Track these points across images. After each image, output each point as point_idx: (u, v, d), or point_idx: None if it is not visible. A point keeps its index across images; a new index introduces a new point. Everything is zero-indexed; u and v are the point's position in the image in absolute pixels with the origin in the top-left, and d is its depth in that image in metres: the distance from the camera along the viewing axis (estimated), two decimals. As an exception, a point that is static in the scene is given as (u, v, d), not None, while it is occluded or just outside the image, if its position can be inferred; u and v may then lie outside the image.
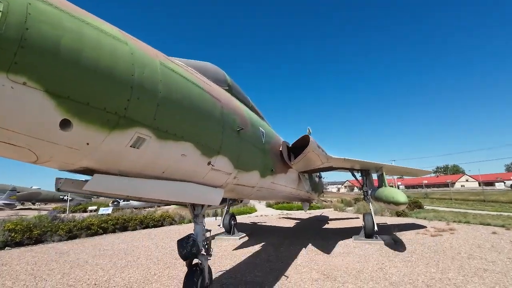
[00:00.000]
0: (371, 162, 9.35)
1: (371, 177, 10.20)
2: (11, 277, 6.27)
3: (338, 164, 8.96)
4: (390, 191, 7.88)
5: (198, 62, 4.12)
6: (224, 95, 3.96)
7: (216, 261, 7.27)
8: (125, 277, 5.99)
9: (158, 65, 2.50)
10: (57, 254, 8.83)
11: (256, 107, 6.17)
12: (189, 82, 2.98)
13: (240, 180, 4.50)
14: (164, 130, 2.52)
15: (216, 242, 10.00)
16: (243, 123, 4.31)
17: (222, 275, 5.96)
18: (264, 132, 5.48)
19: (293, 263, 6.75)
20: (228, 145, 3.72)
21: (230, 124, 3.78)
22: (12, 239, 10.96)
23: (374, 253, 7.59)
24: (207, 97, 3.28)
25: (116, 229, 14.74)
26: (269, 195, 6.86)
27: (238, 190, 4.84)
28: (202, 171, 3.36)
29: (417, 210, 20.33)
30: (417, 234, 10.37)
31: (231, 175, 4.07)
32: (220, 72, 4.50)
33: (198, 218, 4.09)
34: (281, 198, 9.13)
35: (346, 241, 9.35)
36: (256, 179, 5.10)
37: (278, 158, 6.38)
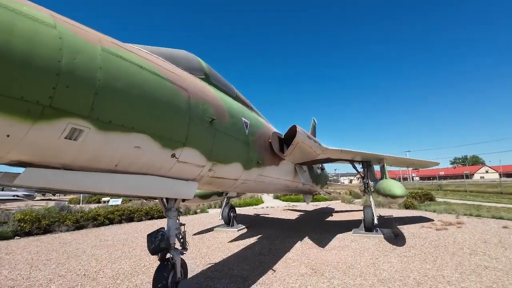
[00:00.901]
0: (371, 154, 8.97)
1: (372, 169, 9.82)
2: (10, 266, 6.50)
3: (336, 155, 8.65)
4: (388, 183, 7.53)
5: (168, 49, 3.94)
6: (194, 84, 3.77)
7: (209, 253, 7.26)
8: (115, 268, 6.06)
9: (99, 50, 2.34)
10: (60, 244, 9.10)
11: (242, 96, 5.96)
12: (144, 69, 2.82)
13: (218, 173, 4.36)
14: (107, 121, 2.38)
15: (214, 234, 10.03)
16: (218, 113, 4.13)
17: (210, 268, 5.93)
18: (248, 123, 5.28)
19: (284, 257, 6.63)
20: (197, 137, 3.57)
21: (199, 115, 3.61)
22: (22, 229, 11.42)
23: (371, 247, 7.34)
24: (168, 86, 3.11)
25: (122, 220, 15.12)
26: (259, 188, 6.70)
27: (218, 183, 4.70)
28: (166, 164, 3.23)
29: (428, 202, 19.69)
30: (422, 228, 9.97)
31: (205, 168, 3.93)
32: (194, 60, 4.31)
33: (171, 212, 3.99)
34: (276, 190, 8.95)
35: (345, 234, 9.12)
36: (238, 171, 4.94)
37: (267, 149, 6.18)
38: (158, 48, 3.75)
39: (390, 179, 8.36)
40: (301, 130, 6.27)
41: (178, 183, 3.59)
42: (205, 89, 4.04)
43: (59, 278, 5.54)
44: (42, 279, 5.47)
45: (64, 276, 5.63)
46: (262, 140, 5.93)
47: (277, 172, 6.99)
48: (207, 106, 3.84)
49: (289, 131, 6.64)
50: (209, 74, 4.57)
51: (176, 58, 3.88)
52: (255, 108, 6.87)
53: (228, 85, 5.28)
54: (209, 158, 3.91)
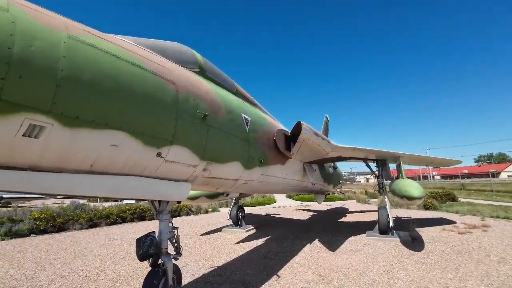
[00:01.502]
0: (386, 151, 8.40)
1: (387, 168, 9.23)
2: (18, 264, 6.57)
3: (348, 153, 8.16)
4: (404, 183, 6.97)
5: (159, 41, 3.70)
6: (185, 77, 3.50)
7: (214, 255, 7.03)
8: (117, 270, 5.96)
9: (64, 38, 2.10)
10: (70, 243, 9.20)
11: (244, 92, 5.65)
12: (122, 60, 2.57)
13: (214, 173, 4.08)
14: (73, 116, 2.14)
15: (221, 235, 9.82)
16: (213, 109, 3.85)
17: (211, 272, 5.68)
18: (249, 120, 4.96)
19: (291, 261, 6.27)
20: (187, 134, 3.30)
21: (189, 110, 3.33)
22: (37, 227, 11.73)
23: (385, 252, 6.83)
24: (151, 78, 2.85)
25: (134, 219, 15.27)
26: (264, 188, 6.38)
27: (216, 184, 4.43)
28: (151, 164, 2.98)
29: (450, 203, 18.58)
30: (442, 231, 9.27)
31: (198, 168, 3.66)
32: (188, 53, 4.05)
33: (163, 215, 3.75)
34: (284, 190, 8.57)
35: (358, 237, 8.62)
36: (238, 171, 4.64)
37: (271, 148, 5.85)
38: (147, 39, 3.52)
39: (407, 178, 7.77)
40: (307, 127, 5.88)
41: (167, 184, 3.34)
42: (198, 83, 3.76)
43: (61, 279, 5.49)
44: (44, 280, 5.43)
45: (66, 277, 5.57)
46: (265, 138, 5.60)
47: (283, 171, 6.63)
48: (199, 101, 3.57)
49: (295, 128, 6.27)
50: (205, 68, 4.30)
51: (167, 51, 3.63)
52: (260, 105, 6.55)
53: (227, 80, 4.99)
54: (203, 157, 3.64)
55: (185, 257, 6.81)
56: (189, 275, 5.53)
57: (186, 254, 7.11)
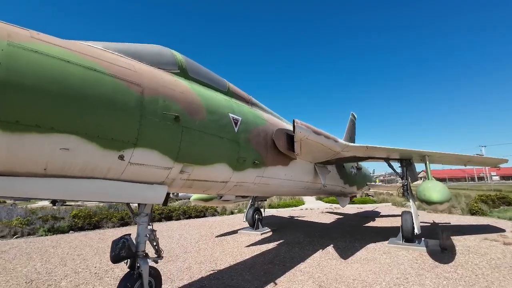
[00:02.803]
0: (410, 150, 7.53)
1: (413, 168, 8.28)
2: (46, 259, 7.24)
3: (362, 153, 7.50)
4: (425, 186, 6.14)
5: (132, 45, 3.74)
6: (155, 79, 3.47)
7: (220, 258, 6.97)
8: (124, 268, 6.17)
9: (3, 46, 2.18)
10: (98, 240, 9.91)
11: (239, 91, 5.52)
12: (73, 64, 2.60)
13: (196, 175, 4.00)
14: (12, 121, 2.20)
15: (236, 237, 9.75)
16: (190, 109, 3.77)
17: (210, 275, 5.61)
18: (239, 119, 4.79)
19: (295, 268, 5.93)
20: (155, 136, 3.26)
21: (157, 112, 3.29)
22: (75, 224, 12.91)
23: (405, 262, 6.09)
24: (109, 81, 2.86)
25: (162, 218, 16.01)
26: (264, 190, 6.11)
27: (200, 186, 4.33)
28: (114, 167, 2.98)
29: (505, 207, 16.18)
30: (484, 241, 8.04)
31: (173, 170, 3.61)
32: (166, 55, 4.03)
33: (140, 218, 3.77)
34: (292, 193, 8.10)
35: (379, 244, 7.87)
36: (225, 173, 4.50)
37: (269, 148, 5.60)
38: (119, 43, 3.57)
39: (433, 180, 6.86)
40: (302, 125, 5.51)
41: (138, 187, 3.33)
42: (173, 84, 3.71)
43: (74, 275, 5.88)
44: (59, 275, 5.87)
45: (78, 273, 5.96)
46: (261, 138, 5.38)
47: (287, 173, 6.32)
48: (171, 102, 3.51)
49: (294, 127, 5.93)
50: (187, 69, 4.25)
51: (140, 53, 3.65)
52: (261, 104, 6.34)
53: (216, 80, 4.90)
54: (177, 159, 3.57)
55: (191, 259, 6.87)
56: (187, 277, 5.53)
57: (193, 256, 7.17)
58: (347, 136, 14.88)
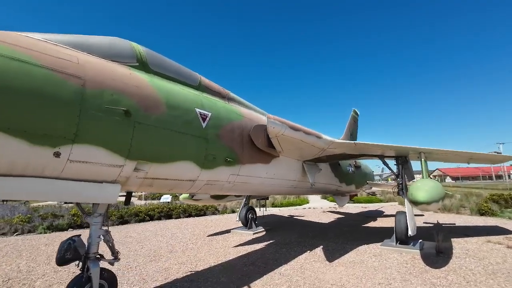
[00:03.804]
0: (404, 147, 7.08)
1: (409, 166, 7.82)
2: (34, 257, 7.27)
3: (351, 150, 7.12)
4: (415, 185, 5.71)
5: (83, 36, 3.56)
6: (103, 72, 3.28)
7: (203, 258, 6.80)
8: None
9: None
10: (91, 238, 9.90)
11: (214, 85, 5.29)
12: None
13: (154, 173, 3.81)
14: None
15: (227, 237, 9.57)
16: (144, 104, 3.58)
17: (186, 277, 5.45)
18: (209, 115, 4.57)
19: (275, 270, 5.68)
20: (98, 132, 3.08)
21: (102, 106, 3.10)
22: (75, 222, 13.07)
23: (393, 266, 5.72)
24: (41, 73, 2.69)
25: (162, 217, 16.02)
26: (242, 189, 5.85)
27: (163, 185, 4.15)
28: (51, 164, 2.82)
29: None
30: (486, 243, 7.51)
31: (126, 168, 3.43)
32: (123, 47, 3.85)
33: (92, 218, 3.62)
34: (275, 191, 7.73)
35: (371, 246, 7.49)
36: (191, 171, 4.30)
37: (246, 145, 5.36)
38: (66, 35, 3.39)
39: (426, 179, 6.42)
40: (275, 121, 5.24)
41: (83, 186, 3.17)
42: (125, 77, 3.52)
43: (52, 274, 5.86)
44: (38, 274, 5.86)
45: (57, 272, 5.93)
46: (236, 135, 5.14)
47: (268, 171, 6.06)
48: (120, 96, 3.32)
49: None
50: (148, 62, 4.06)
51: (91, 46, 3.48)
52: (240, 99, 6.09)
53: (184, 74, 4.69)
54: (128, 156, 3.39)
55: (174, 259, 6.73)
56: (162, 278, 5.39)
57: (177, 256, 7.03)
58: (347, 133, 14.38)
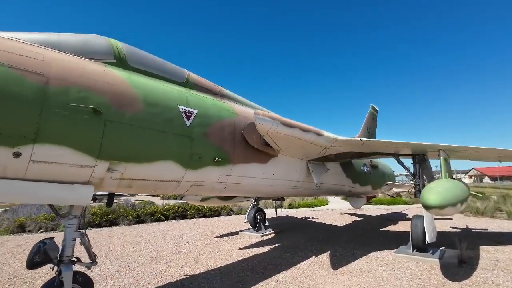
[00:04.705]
0: (420, 144, 6.35)
1: (427, 165, 7.04)
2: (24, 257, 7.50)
3: (358, 148, 6.54)
4: (428, 186, 5.03)
5: (55, 34, 3.48)
6: (69, 68, 3.17)
7: (203, 261, 6.61)
8: (104, 269, 6.12)
9: None
10: (103, 238, 10.17)
11: (203, 81, 5.08)
12: None
13: (132, 174, 3.67)
14: None
15: (233, 239, 9.33)
16: (118, 102, 3.44)
17: (180, 280, 5.29)
18: (194, 112, 4.36)
19: (272, 277, 5.32)
20: (63, 131, 2.97)
21: (67, 104, 2.98)
22: (93, 221, 13.59)
23: (405, 277, 5.11)
24: None
25: (177, 217, 16.21)
26: (236, 190, 5.54)
27: (143, 186, 3.99)
28: (11, 165, 2.74)
29: None
30: (522, 253, 6.55)
31: (98, 168, 3.30)
32: (97, 43, 3.74)
33: (67, 220, 3.53)
34: (276, 193, 7.31)
35: (385, 253, 6.85)
36: (175, 172, 4.11)
37: (239, 144, 5.09)
38: (35, 33, 3.32)
39: (445, 179, 5.69)
40: (264, 117, 4.89)
41: (51, 187, 3.06)
42: (98, 74, 3.40)
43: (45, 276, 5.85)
44: (43, 272, 5.96)
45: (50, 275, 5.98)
46: (227, 133, 4.87)
47: (266, 171, 5.74)
48: (89, 93, 3.20)
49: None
50: (127, 59, 3.93)
51: (62, 43, 3.39)
52: (236, 96, 5.83)
53: (169, 70, 4.52)
54: (99, 156, 3.25)
55: (174, 261, 6.62)
56: (155, 281, 5.27)
57: (179, 258, 6.92)
58: (364, 130, 13.53)
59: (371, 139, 6.14)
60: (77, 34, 3.70)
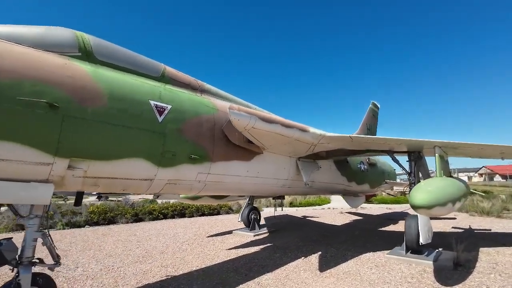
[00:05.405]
0: (415, 140, 6.03)
1: (423, 163, 6.71)
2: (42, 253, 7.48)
3: (346, 144, 6.26)
4: (418, 184, 4.74)
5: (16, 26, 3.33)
6: (23, 61, 3.02)
7: (190, 262, 6.45)
8: (87, 269, 6.03)
9: None
10: (96, 236, 10.11)
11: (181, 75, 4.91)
12: None
13: (96, 171, 3.51)
14: None
15: (226, 238, 9.16)
16: (79, 96, 3.28)
17: (158, 282, 5.14)
18: (168, 108, 4.18)
19: (255, 279, 5.12)
20: (14, 126, 2.82)
21: (18, 99, 2.83)
22: (91, 219, 13.62)
23: (393, 280, 4.85)
24: None
25: (175, 215, 16.16)
26: (217, 188, 5.37)
27: (111, 184, 3.83)
28: None
29: None
30: (524, 256, 6.19)
31: (56, 166, 3.15)
32: (61, 36, 3.58)
33: (26, 220, 3.37)
34: (265, 192, 7.08)
35: (378, 254, 6.57)
36: (144, 169, 3.94)
37: (219, 140, 4.89)
38: None
39: (439, 177, 5.38)
40: (240, 112, 4.66)
41: (7, 185, 2.92)
42: (56, 67, 3.24)
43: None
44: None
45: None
46: (205, 129, 4.68)
47: (250, 169, 5.53)
48: (45, 87, 3.05)
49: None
50: (94, 51, 3.77)
51: (20, 36, 3.24)
52: (219, 91, 5.64)
53: (142, 64, 4.35)
54: (57, 153, 3.10)
55: (160, 261, 6.49)
56: (134, 282, 5.14)
57: (165, 258, 6.79)
58: (363, 128, 13.15)
59: (361, 135, 5.85)
60: (38, 26, 3.55)
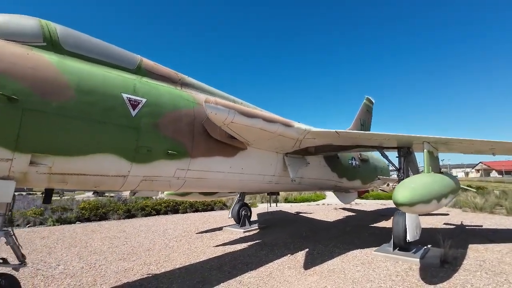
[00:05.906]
0: (405, 136, 5.91)
1: (412, 158, 6.60)
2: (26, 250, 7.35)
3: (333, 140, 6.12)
4: (403, 181, 4.60)
5: None
6: None
7: (174, 259, 6.36)
8: (69, 267, 5.92)
9: None
10: (84, 233, 10.00)
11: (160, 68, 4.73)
12: None
13: (62, 168, 3.35)
14: None
15: (215, 235, 9.06)
16: (42, 89, 3.12)
17: (138, 280, 5.02)
18: (142, 101, 4.02)
19: (237, 278, 5.01)
20: None
21: None
22: (82, 215, 13.49)
23: (378, 278, 4.75)
24: None
25: (168, 211, 16.06)
26: (199, 185, 5.23)
27: (81, 181, 3.67)
28: None
29: None
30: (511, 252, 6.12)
31: (16, 162, 2.99)
32: (24, 25, 3.41)
33: None
34: (250, 188, 6.97)
35: (365, 251, 6.47)
36: (116, 165, 3.79)
37: (199, 135, 4.74)
38: None
39: (425, 173, 5.26)
40: (218, 106, 4.50)
41: None
42: (15, 58, 3.07)
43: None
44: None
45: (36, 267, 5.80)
46: (184, 124, 4.52)
47: (233, 165, 5.39)
48: (1, 79, 2.86)
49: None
50: (61, 42, 3.58)
51: None
52: (201, 84, 5.47)
53: (115, 55, 4.17)
54: (17, 148, 2.93)
55: (143, 258, 6.39)
56: (114, 280, 5.03)
57: (150, 255, 6.69)
58: (357, 124, 12.99)
59: (348, 130, 5.70)
60: (1, 14, 3.36)
